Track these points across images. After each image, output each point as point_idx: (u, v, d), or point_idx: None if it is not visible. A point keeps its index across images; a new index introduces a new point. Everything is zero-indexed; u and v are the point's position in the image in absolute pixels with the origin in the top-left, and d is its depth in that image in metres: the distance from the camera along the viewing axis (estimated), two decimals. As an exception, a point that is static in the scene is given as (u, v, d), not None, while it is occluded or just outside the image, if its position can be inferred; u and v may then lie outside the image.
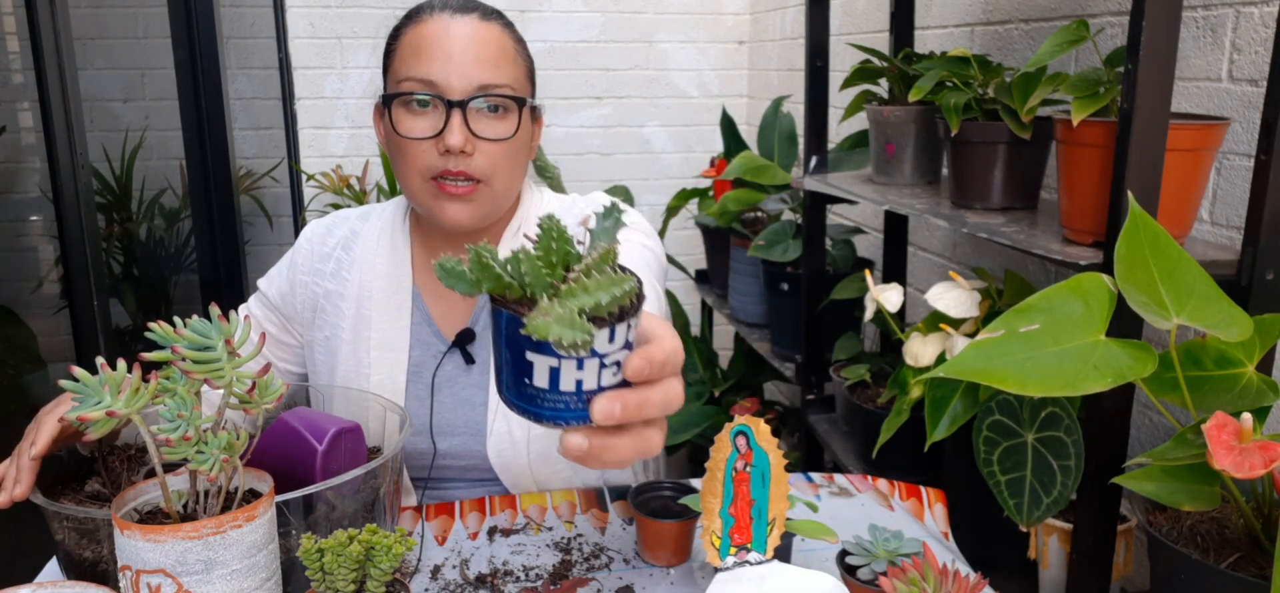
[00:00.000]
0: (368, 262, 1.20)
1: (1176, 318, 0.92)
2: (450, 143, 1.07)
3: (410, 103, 1.09)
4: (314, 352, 1.22)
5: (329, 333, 1.20)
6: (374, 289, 1.19)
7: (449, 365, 1.18)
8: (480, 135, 1.09)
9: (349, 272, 1.21)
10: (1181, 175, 1.17)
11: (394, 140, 1.11)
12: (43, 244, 2.19)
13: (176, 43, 2.15)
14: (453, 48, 1.08)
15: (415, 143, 1.09)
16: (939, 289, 1.47)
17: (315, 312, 1.22)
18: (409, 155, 1.10)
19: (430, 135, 1.08)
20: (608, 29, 3.20)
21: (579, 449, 0.60)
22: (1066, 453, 1.18)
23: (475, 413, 1.17)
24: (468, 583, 0.95)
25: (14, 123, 2.14)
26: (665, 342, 0.61)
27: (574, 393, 0.57)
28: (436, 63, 1.08)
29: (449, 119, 1.08)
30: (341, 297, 1.20)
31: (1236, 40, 1.33)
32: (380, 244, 1.21)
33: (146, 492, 0.78)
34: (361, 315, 1.18)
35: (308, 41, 2.98)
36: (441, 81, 1.08)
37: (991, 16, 1.88)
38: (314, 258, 1.23)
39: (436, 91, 1.08)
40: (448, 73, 1.08)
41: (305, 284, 1.22)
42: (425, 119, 1.09)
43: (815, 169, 2.01)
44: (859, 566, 0.89)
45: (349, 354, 1.18)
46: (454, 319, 1.20)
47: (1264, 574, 0.89)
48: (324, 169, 2.98)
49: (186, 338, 0.72)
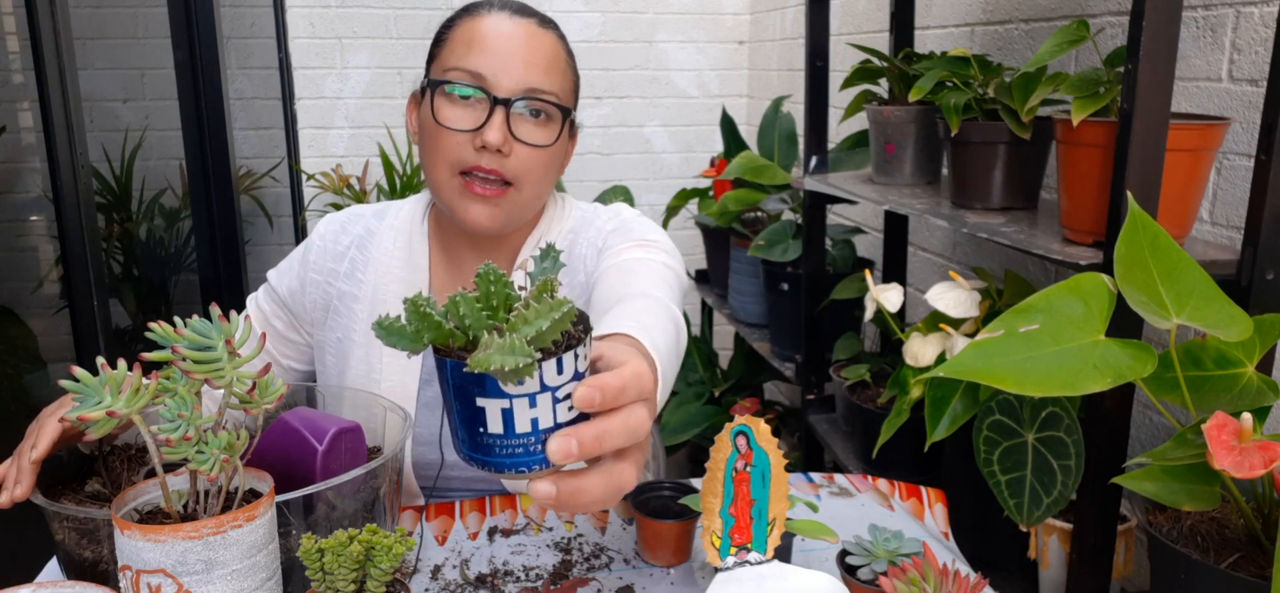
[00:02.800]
0: (383, 263, 1.18)
1: (1176, 318, 0.92)
2: (489, 139, 1.05)
3: (453, 93, 1.07)
4: (324, 353, 1.20)
5: (341, 335, 1.18)
6: (389, 292, 1.17)
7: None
8: (520, 138, 1.07)
9: (363, 273, 1.18)
10: (1181, 175, 1.17)
11: (430, 127, 1.08)
12: (43, 244, 2.19)
13: (176, 43, 2.15)
14: (506, 46, 1.06)
15: (451, 133, 1.06)
16: (939, 289, 1.47)
17: (327, 312, 1.19)
18: (443, 145, 1.07)
19: (469, 128, 1.06)
20: (608, 29, 3.20)
21: (547, 496, 0.56)
22: (1066, 453, 1.18)
23: None
24: (468, 583, 0.95)
25: (14, 123, 2.14)
26: (624, 368, 0.57)
27: (531, 434, 0.55)
28: (487, 57, 1.06)
29: (491, 115, 1.05)
30: (355, 299, 1.18)
31: (1236, 40, 1.33)
32: (397, 245, 1.19)
33: (146, 492, 0.78)
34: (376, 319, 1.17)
35: (308, 41, 2.98)
36: (490, 76, 1.06)
37: (991, 16, 1.88)
38: (327, 257, 1.20)
39: (483, 86, 1.06)
40: (497, 69, 1.06)
41: (317, 283, 1.20)
42: (467, 111, 1.07)
43: (815, 169, 2.01)
44: (859, 566, 0.89)
45: (361, 358, 1.16)
46: None
47: (1264, 574, 0.89)
48: (324, 169, 2.98)
49: (187, 338, 0.72)
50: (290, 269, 1.23)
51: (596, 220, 1.20)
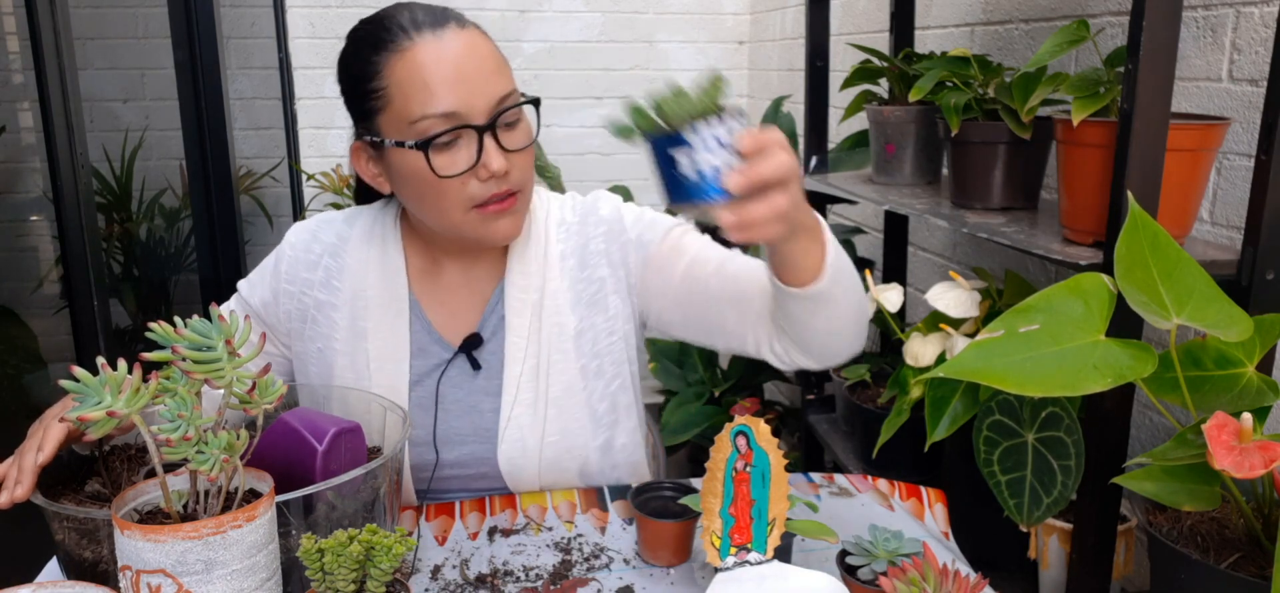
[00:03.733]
0: (359, 269, 1.17)
1: (1176, 318, 0.92)
2: (494, 169, 1.03)
3: (438, 143, 1.03)
4: (307, 363, 1.19)
5: (322, 345, 1.17)
6: (368, 299, 1.16)
7: (454, 373, 1.16)
8: (510, 149, 1.06)
9: (339, 280, 1.17)
10: (1181, 175, 1.17)
11: (427, 181, 1.04)
12: (43, 244, 2.19)
13: (176, 43, 2.15)
14: (457, 70, 1.03)
15: (452, 180, 1.04)
16: (939, 289, 1.47)
17: (305, 322, 1.18)
18: (450, 193, 1.04)
19: (468, 167, 1.04)
20: (608, 29, 3.20)
21: (729, 222, 0.81)
22: (1066, 453, 1.18)
23: (485, 420, 1.16)
24: (468, 583, 0.95)
25: (14, 123, 2.14)
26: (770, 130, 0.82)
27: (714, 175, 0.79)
28: (449, 92, 1.02)
29: (483, 145, 1.03)
30: (334, 307, 1.17)
31: (1236, 40, 1.33)
32: (370, 252, 1.17)
33: (146, 492, 0.78)
34: (357, 327, 1.15)
35: (308, 41, 2.98)
36: (464, 110, 1.02)
37: (991, 16, 1.88)
38: (299, 266, 1.18)
39: (461, 122, 1.03)
40: (465, 99, 1.02)
41: (291, 293, 1.18)
42: (458, 152, 1.04)
43: (815, 169, 2.01)
44: (859, 566, 0.89)
45: (346, 366, 1.16)
46: (457, 326, 1.18)
47: (1264, 574, 0.89)
48: (324, 169, 2.97)
49: (187, 338, 0.72)
50: (262, 280, 1.21)
51: (591, 216, 1.20)
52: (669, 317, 1.18)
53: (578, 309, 1.17)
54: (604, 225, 1.19)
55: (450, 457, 1.16)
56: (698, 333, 1.17)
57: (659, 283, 1.17)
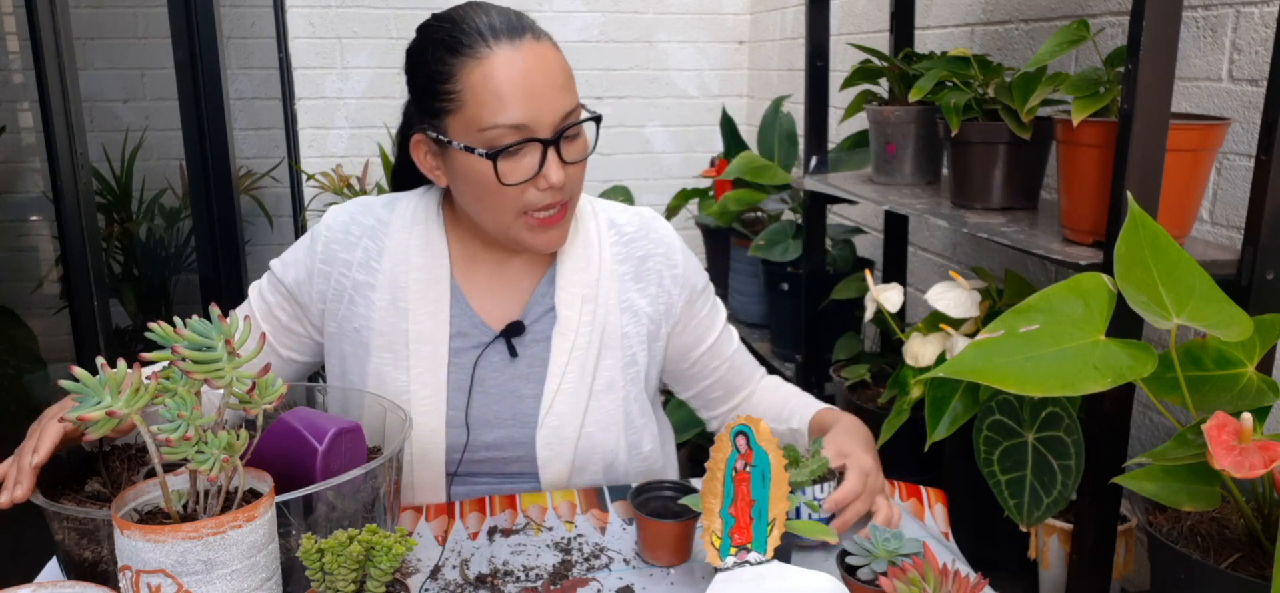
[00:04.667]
0: (400, 253, 1.18)
1: (1176, 318, 0.92)
2: (553, 181, 1.07)
3: (507, 150, 1.06)
4: (341, 342, 1.19)
5: (359, 324, 1.18)
6: (409, 281, 1.17)
7: (493, 356, 1.18)
8: (569, 161, 1.09)
9: (378, 262, 1.18)
10: (1181, 175, 1.17)
11: (488, 185, 1.08)
12: (43, 244, 2.19)
13: (176, 43, 2.15)
14: (530, 84, 1.05)
15: (512, 187, 1.08)
16: (939, 289, 1.47)
17: (341, 301, 1.18)
18: (507, 197, 1.08)
19: (529, 177, 1.07)
20: (608, 29, 3.21)
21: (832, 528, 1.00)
22: (1066, 453, 1.18)
23: (525, 405, 1.17)
24: (468, 583, 0.95)
25: (14, 123, 2.14)
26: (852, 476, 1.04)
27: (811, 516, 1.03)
28: (521, 104, 1.05)
29: (546, 158, 1.07)
30: (372, 288, 1.18)
31: (1236, 40, 1.33)
32: (412, 236, 1.19)
33: (146, 492, 0.78)
34: (397, 307, 1.16)
35: (308, 41, 2.98)
36: (532, 123, 1.05)
37: (991, 16, 1.88)
38: (338, 246, 1.19)
39: (529, 135, 1.06)
40: (535, 113, 1.05)
41: (326, 274, 1.19)
42: (522, 160, 1.07)
43: (815, 169, 2.01)
44: (859, 566, 0.89)
45: (384, 345, 1.16)
46: (500, 312, 1.20)
47: (1264, 574, 0.89)
48: (324, 169, 2.98)
49: (186, 338, 0.72)
50: (296, 259, 1.21)
51: (650, 232, 1.25)
52: (670, 367, 1.30)
53: (625, 313, 1.21)
54: (662, 246, 1.25)
55: (486, 439, 1.17)
56: (677, 385, 1.32)
57: (680, 338, 1.27)
